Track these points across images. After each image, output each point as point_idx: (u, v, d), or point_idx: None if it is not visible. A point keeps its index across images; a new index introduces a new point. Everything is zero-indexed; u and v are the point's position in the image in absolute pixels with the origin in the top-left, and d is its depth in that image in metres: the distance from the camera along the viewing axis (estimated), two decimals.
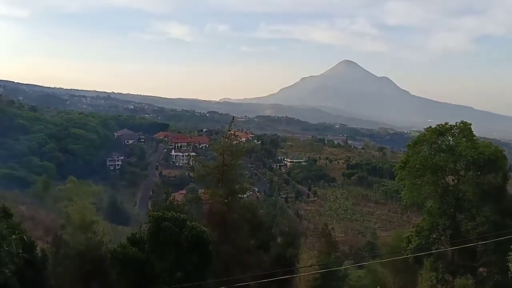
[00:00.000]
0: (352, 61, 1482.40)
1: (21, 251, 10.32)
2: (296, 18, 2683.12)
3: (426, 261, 26.60)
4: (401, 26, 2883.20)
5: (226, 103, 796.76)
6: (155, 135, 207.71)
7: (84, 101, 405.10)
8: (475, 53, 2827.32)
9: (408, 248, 28.61)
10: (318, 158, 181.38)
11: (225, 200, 24.48)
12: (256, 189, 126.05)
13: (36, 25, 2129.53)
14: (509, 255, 18.03)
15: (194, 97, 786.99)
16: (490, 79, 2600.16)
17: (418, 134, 33.27)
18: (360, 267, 36.21)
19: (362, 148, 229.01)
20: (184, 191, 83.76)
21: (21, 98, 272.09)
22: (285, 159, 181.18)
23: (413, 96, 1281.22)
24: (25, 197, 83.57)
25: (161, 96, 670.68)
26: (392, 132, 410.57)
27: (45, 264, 22.31)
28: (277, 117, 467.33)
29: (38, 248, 22.84)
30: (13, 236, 10.40)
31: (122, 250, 19.84)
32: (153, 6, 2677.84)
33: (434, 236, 28.83)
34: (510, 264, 17.99)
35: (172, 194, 28.62)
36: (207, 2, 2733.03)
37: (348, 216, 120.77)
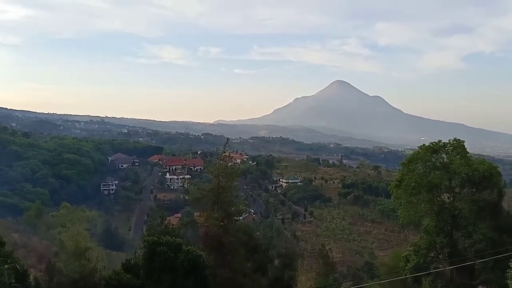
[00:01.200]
0: (344, 81, 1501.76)
1: (13, 280, 10.05)
2: (288, 40, 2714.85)
3: (425, 280, 26.35)
4: (392, 46, 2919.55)
5: (220, 125, 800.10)
6: (150, 158, 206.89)
7: (78, 126, 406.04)
8: (466, 71, 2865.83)
9: (406, 267, 28.36)
10: (313, 178, 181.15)
11: (221, 223, 24.22)
12: (252, 211, 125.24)
13: (29, 52, 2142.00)
14: (508, 272, 17.90)
15: (188, 120, 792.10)
16: (481, 96, 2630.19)
17: (412, 152, 33.39)
18: None
19: (357, 167, 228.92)
20: (179, 215, 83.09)
21: (14, 125, 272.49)
22: (281, 179, 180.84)
23: (406, 114, 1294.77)
24: (17, 224, 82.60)
25: (155, 119, 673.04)
26: (386, 150, 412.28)
27: None
28: (272, 137, 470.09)
29: (31, 277, 22.46)
30: (6, 265, 10.15)
31: (117, 277, 19.50)
32: (146, 30, 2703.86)
33: (432, 254, 28.63)
34: (509, 281, 17.83)
35: (167, 218, 28.42)
36: (200, 25, 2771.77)
37: (345, 236, 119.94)
